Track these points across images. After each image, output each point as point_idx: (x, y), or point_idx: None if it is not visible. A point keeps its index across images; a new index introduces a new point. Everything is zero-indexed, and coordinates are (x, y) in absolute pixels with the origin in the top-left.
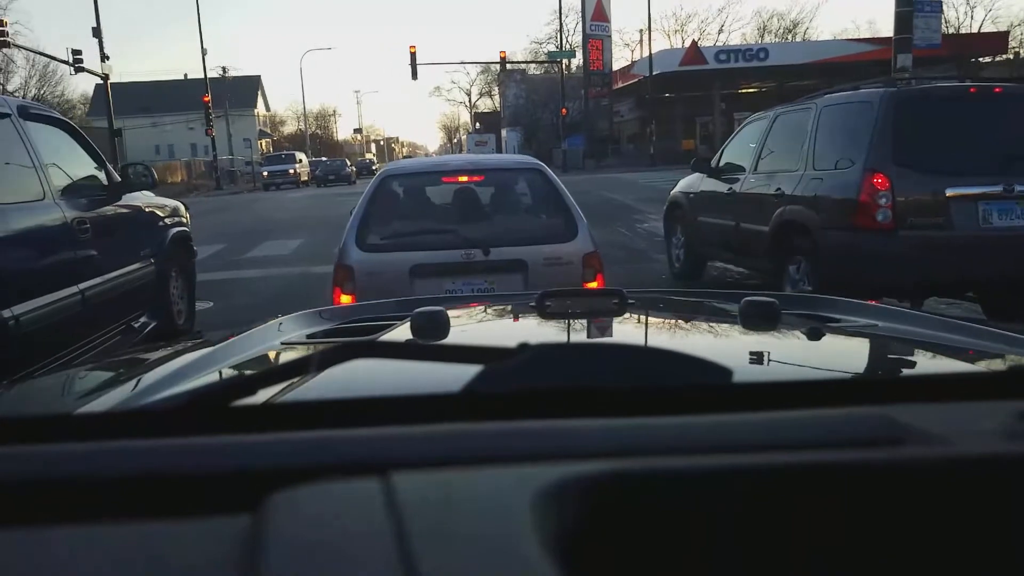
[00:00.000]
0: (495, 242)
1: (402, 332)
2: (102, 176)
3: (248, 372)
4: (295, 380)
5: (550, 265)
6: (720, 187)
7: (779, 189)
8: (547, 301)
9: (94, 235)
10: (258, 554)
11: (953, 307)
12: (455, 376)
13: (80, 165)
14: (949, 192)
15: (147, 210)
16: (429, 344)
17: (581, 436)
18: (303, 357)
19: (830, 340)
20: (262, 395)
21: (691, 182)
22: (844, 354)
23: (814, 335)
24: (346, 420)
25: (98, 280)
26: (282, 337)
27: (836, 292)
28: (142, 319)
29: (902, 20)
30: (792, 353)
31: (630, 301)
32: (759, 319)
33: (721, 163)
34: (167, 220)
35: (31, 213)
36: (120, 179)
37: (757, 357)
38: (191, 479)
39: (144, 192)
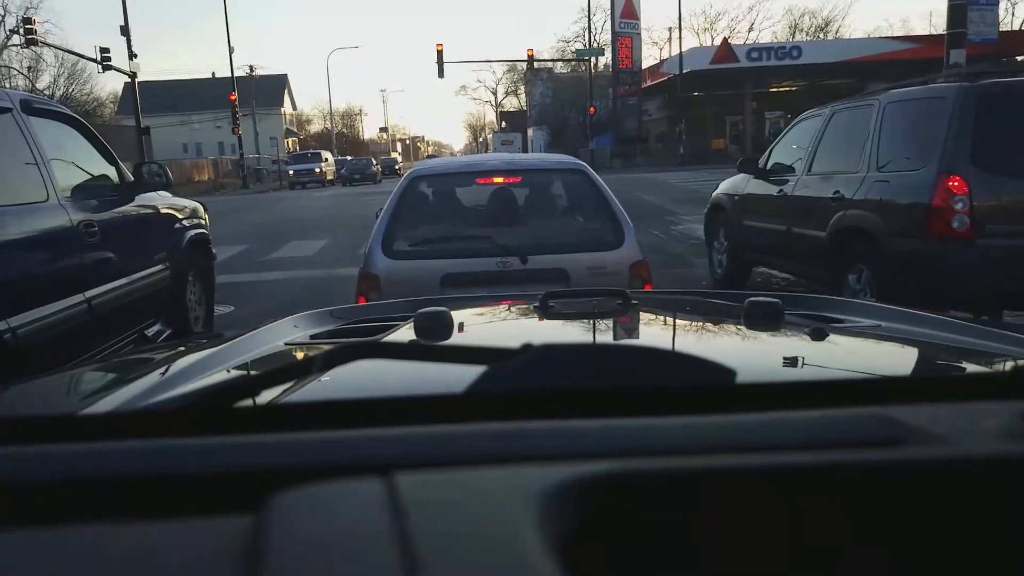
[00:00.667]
0: (533, 249)
1: (405, 333)
2: (113, 175)
3: (251, 372)
4: (298, 381)
5: (594, 275)
6: (769, 189)
7: (838, 192)
8: (551, 301)
9: (103, 238)
10: (261, 554)
11: (1020, 319)
12: (458, 376)
13: (89, 164)
14: None
15: (162, 211)
16: (432, 344)
17: (584, 436)
18: (306, 358)
19: (833, 340)
20: (265, 395)
21: (735, 183)
22: (847, 354)
23: (817, 335)
24: (349, 420)
25: (107, 287)
26: (286, 337)
27: (902, 303)
28: (156, 327)
29: (956, 13)
30: (795, 353)
31: (634, 301)
32: (762, 319)
33: (770, 163)
34: (184, 222)
35: (32, 215)
36: (133, 179)
37: (760, 357)
38: (194, 479)
39: (160, 192)
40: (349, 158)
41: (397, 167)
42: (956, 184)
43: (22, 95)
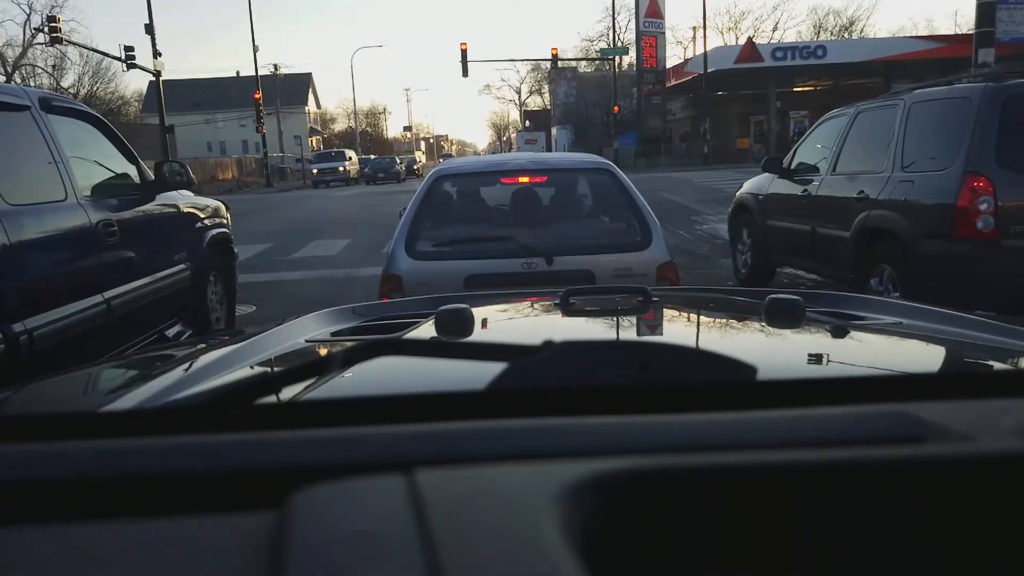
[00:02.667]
0: (559, 250)
1: (426, 330)
2: (134, 174)
3: (273, 370)
4: (320, 378)
5: (621, 276)
6: (793, 189)
7: (862, 192)
8: (571, 298)
9: (122, 238)
10: (283, 551)
11: None
12: (479, 373)
13: (109, 162)
14: None
15: (183, 211)
16: (453, 342)
17: (604, 433)
18: (328, 355)
19: (854, 337)
20: (287, 392)
21: (759, 183)
22: (867, 351)
23: (838, 333)
24: (370, 417)
25: (126, 287)
26: (307, 334)
27: (928, 304)
28: (176, 328)
29: (984, 12)
30: (815, 350)
31: (654, 298)
32: (783, 316)
33: (794, 163)
34: (205, 221)
35: (50, 215)
36: (154, 177)
37: (780, 354)
38: (216, 476)
39: (182, 191)
40: (373, 157)
41: (416, 167)
42: (981, 185)
43: (41, 92)
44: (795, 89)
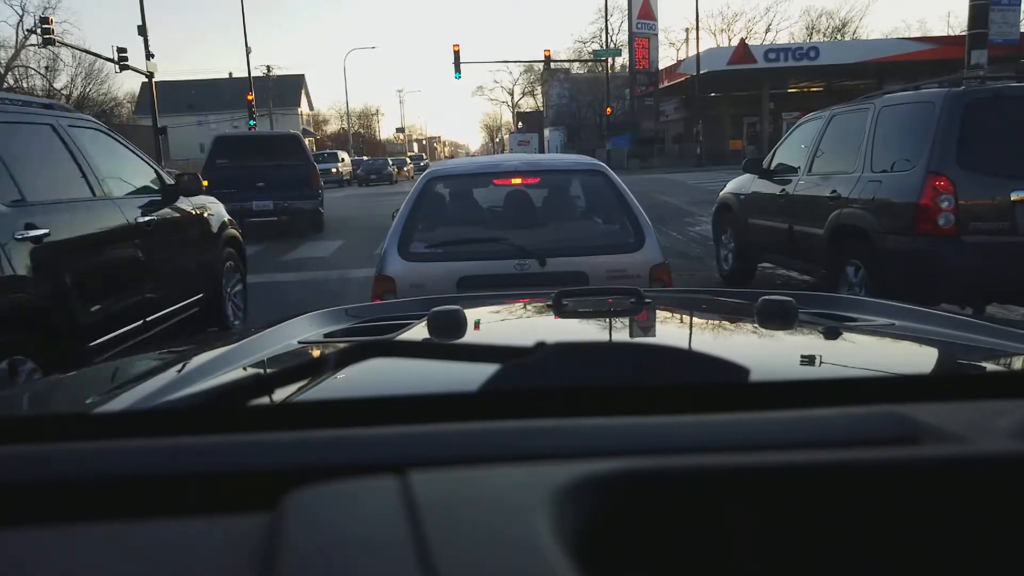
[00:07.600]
0: (552, 252)
1: (419, 331)
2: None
3: (266, 371)
4: (313, 379)
5: (614, 278)
6: (772, 188)
7: (835, 191)
8: (564, 300)
9: None
10: (276, 553)
11: (1013, 313)
12: (472, 375)
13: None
14: (1014, 196)
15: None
16: (446, 343)
17: (598, 435)
18: (321, 356)
19: (846, 339)
20: (279, 394)
21: (741, 183)
22: (860, 353)
23: (831, 334)
24: (363, 419)
25: None
26: (300, 336)
27: (895, 297)
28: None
29: (977, 14)
30: (808, 352)
31: (647, 300)
32: (776, 318)
33: (773, 164)
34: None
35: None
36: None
37: (773, 356)
38: (209, 478)
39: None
40: (365, 158)
41: (406, 168)
42: (942, 184)
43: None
44: (789, 90)
